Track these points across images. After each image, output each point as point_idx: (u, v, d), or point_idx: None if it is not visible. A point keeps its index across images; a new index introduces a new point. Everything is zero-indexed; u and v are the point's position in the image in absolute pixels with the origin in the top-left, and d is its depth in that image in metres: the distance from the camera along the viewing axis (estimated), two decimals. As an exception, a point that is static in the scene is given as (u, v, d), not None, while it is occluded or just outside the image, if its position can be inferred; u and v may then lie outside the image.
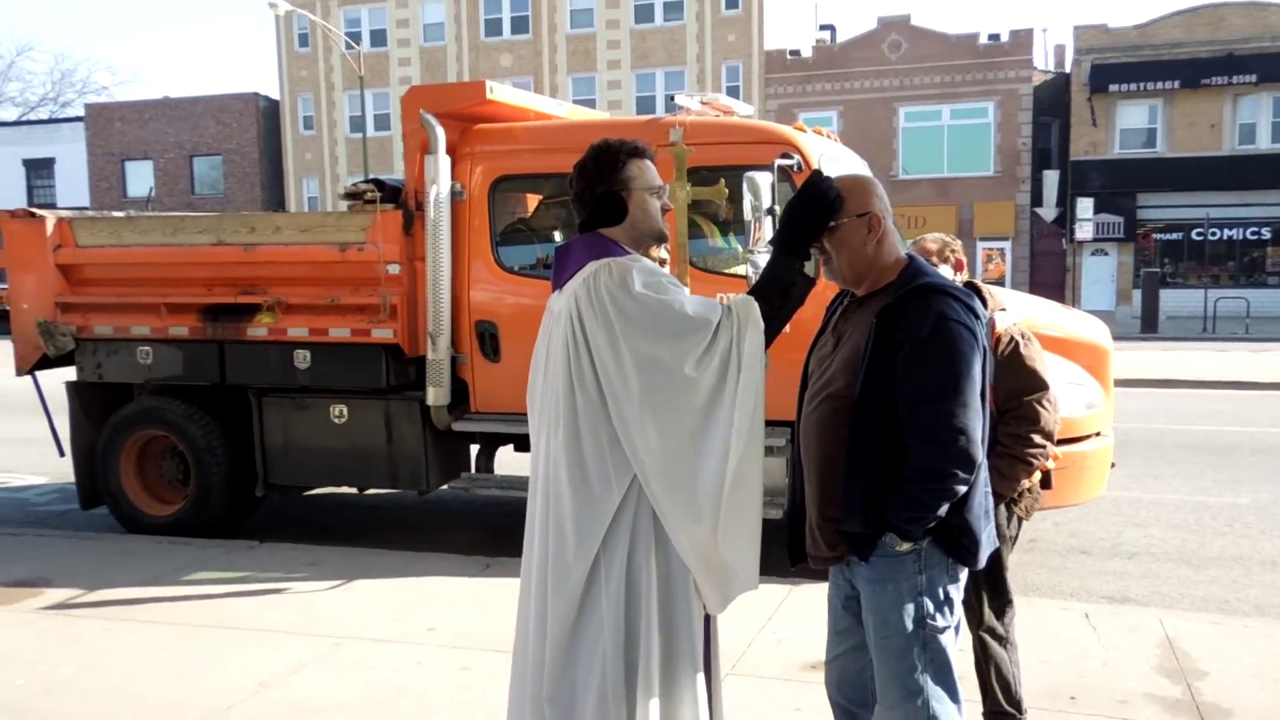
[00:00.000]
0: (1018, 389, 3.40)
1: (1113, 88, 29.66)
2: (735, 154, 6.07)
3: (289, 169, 38.67)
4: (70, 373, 7.25)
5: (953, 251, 3.60)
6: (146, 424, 7.08)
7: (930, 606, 2.57)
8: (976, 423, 2.48)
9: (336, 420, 6.69)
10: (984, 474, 2.61)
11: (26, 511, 8.02)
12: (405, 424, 6.56)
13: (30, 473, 9.25)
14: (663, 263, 3.55)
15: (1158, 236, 30.50)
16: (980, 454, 2.50)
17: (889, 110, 32.15)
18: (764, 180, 5.58)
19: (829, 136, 7.04)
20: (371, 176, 6.90)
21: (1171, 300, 28.31)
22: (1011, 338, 3.46)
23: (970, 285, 3.61)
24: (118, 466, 7.10)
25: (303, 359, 6.67)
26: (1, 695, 4.11)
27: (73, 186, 40.82)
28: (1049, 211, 30.95)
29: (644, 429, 2.51)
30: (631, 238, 2.68)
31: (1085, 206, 28.27)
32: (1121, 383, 14.78)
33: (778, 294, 2.65)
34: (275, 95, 39.13)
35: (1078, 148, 30.42)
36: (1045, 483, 3.65)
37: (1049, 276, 31.21)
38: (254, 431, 6.82)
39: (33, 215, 7.18)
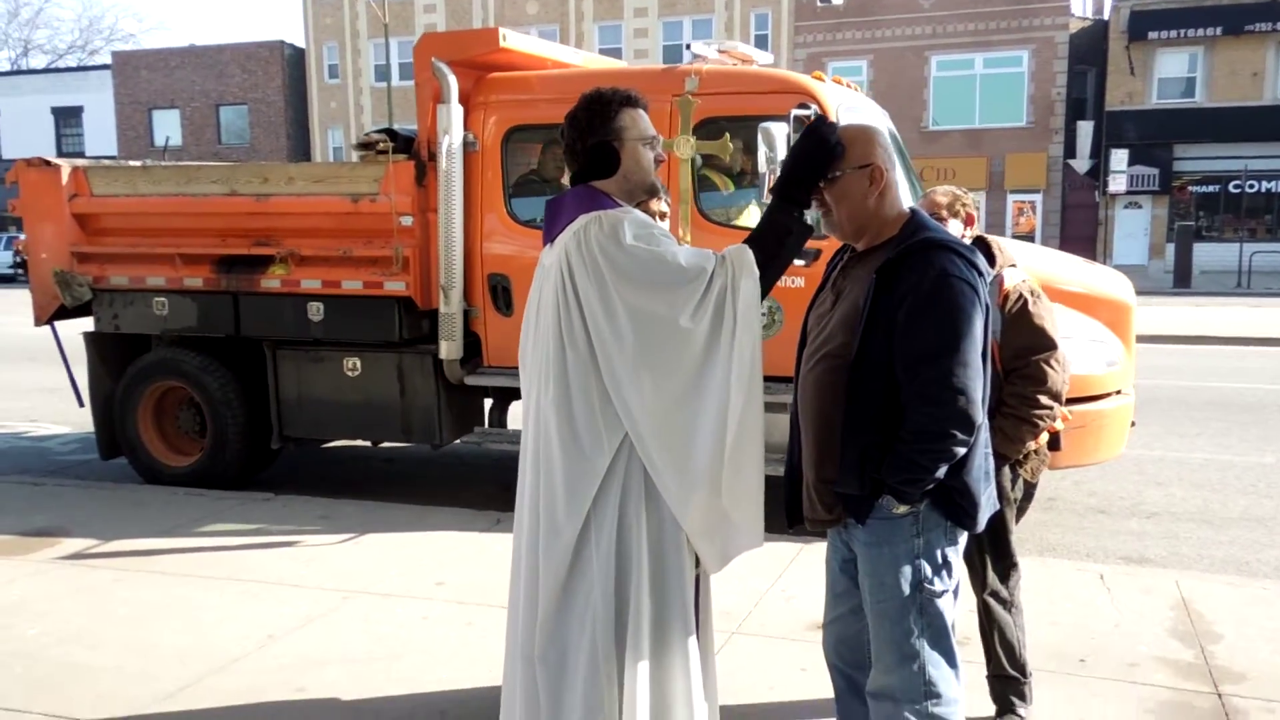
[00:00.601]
0: (1025, 347, 3.31)
1: (1152, 35, 28.93)
2: (751, 104, 5.93)
3: (314, 118, 38.57)
4: (89, 323, 7.27)
5: (964, 205, 3.49)
6: (163, 375, 7.10)
7: (928, 570, 2.51)
8: (977, 383, 2.41)
9: (350, 373, 6.69)
10: (984, 435, 2.54)
11: (49, 461, 8.10)
12: (418, 377, 6.54)
13: (54, 422, 9.35)
14: (662, 216, 3.48)
15: (1194, 189, 29.91)
16: (980, 415, 2.42)
17: (920, 59, 31.54)
18: (779, 131, 5.45)
19: (850, 86, 6.87)
20: (384, 126, 6.81)
21: (1206, 254, 27.81)
22: (1020, 294, 3.36)
23: (980, 240, 3.51)
24: (135, 417, 7.14)
25: (316, 311, 6.65)
26: (15, 644, 4.16)
27: (101, 135, 40.96)
28: (1082, 164, 30.37)
29: (638, 384, 2.45)
30: (624, 190, 2.60)
31: (1119, 158, 27.69)
32: (1150, 339, 14.65)
33: (773, 242, 2.56)
34: (301, 43, 38.94)
35: (1114, 98, 29.76)
36: (1054, 444, 3.57)
37: (1080, 230, 30.72)
38: (269, 384, 6.84)
39: (48, 164, 7.16)
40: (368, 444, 7.39)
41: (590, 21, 34.86)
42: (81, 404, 7.49)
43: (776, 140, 5.35)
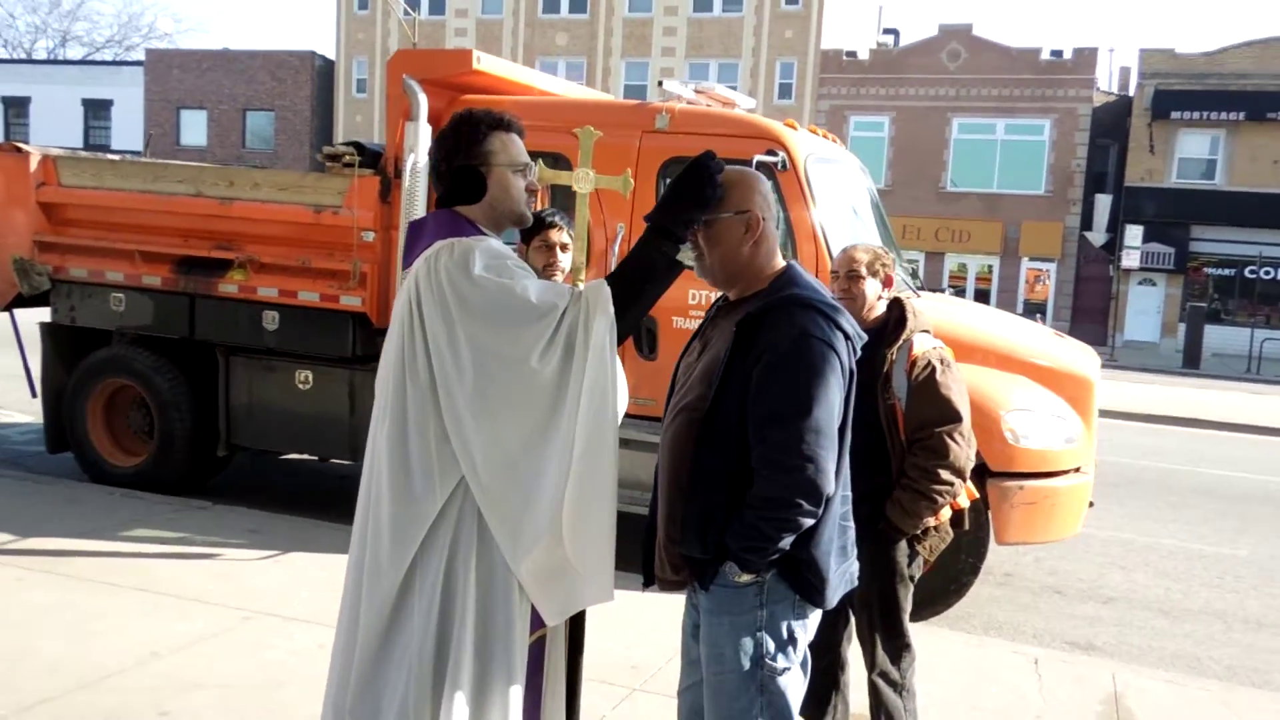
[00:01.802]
0: (929, 418, 3.15)
1: (1175, 114, 28.87)
2: (719, 146, 5.63)
3: (339, 129, 38.77)
4: (47, 314, 7.17)
5: (883, 265, 3.34)
6: (115, 372, 6.99)
7: (770, 645, 2.34)
8: (829, 451, 2.25)
9: (301, 386, 6.57)
10: (840, 508, 2.39)
11: (2, 449, 7.98)
12: (369, 396, 6.38)
13: (19, 410, 9.22)
14: (564, 247, 3.34)
15: (1209, 271, 29.71)
16: (830, 485, 2.26)
17: (942, 120, 31.54)
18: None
19: (827, 137, 6.76)
20: (353, 139, 6.73)
21: (1217, 337, 27.57)
22: (928, 362, 3.21)
23: (895, 301, 3.38)
24: (85, 413, 7.03)
25: (271, 320, 6.55)
26: (-112, 639, 3.99)
27: (128, 130, 41.28)
28: (1098, 236, 30.23)
29: (479, 425, 2.28)
30: (489, 218, 2.45)
31: (1135, 234, 27.56)
32: (1147, 418, 14.47)
33: (637, 277, 2.38)
34: (331, 55, 39.28)
35: (1133, 173, 29.66)
36: (957, 521, 3.39)
37: (1093, 302, 30.54)
38: (219, 389, 6.71)
39: (19, 150, 7.10)
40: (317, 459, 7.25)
41: (618, 58, 35.05)
42: (35, 394, 7.36)
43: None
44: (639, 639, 4.50)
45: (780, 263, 2.46)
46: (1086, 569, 6.77)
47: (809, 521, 2.26)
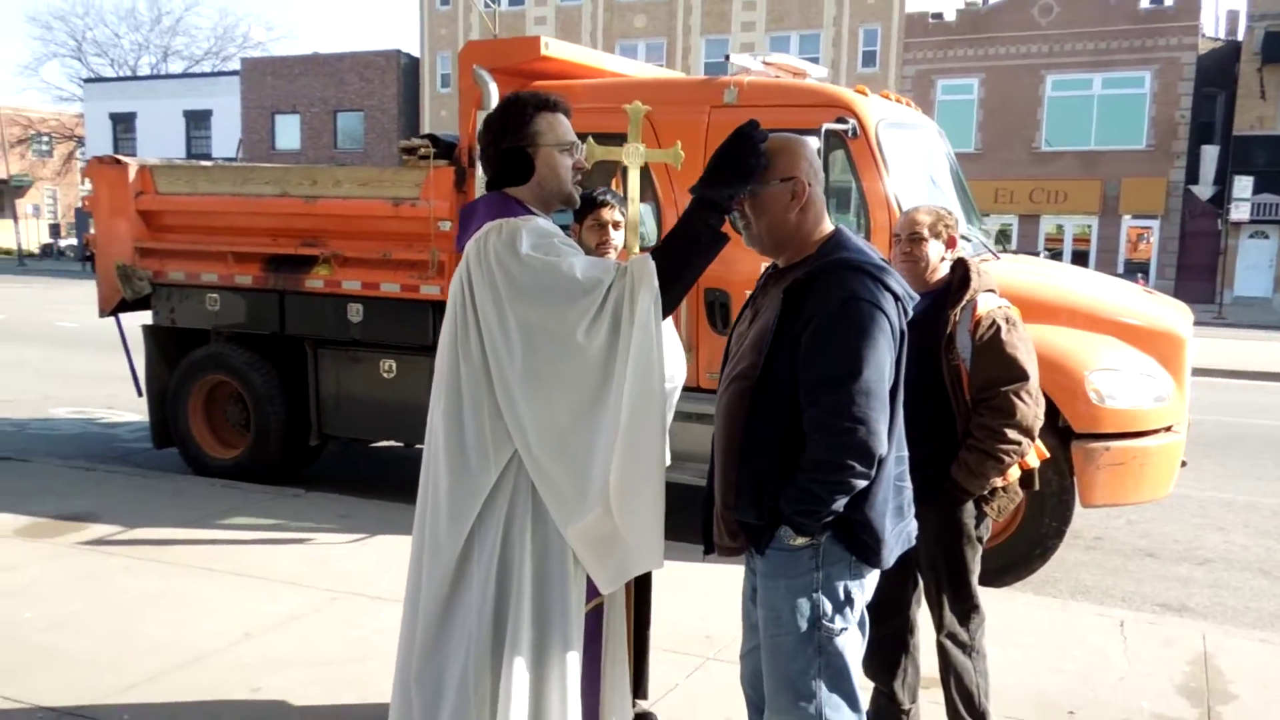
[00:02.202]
0: (994, 378, 3.12)
1: (1287, 57, 27.45)
2: (789, 117, 5.78)
3: (425, 125, 39.46)
4: (149, 317, 7.54)
5: (946, 226, 3.30)
6: (213, 369, 7.31)
7: (827, 606, 2.37)
8: (880, 413, 2.27)
9: (386, 375, 6.77)
10: (895, 469, 2.40)
11: (113, 447, 8.43)
12: (451, 382, 6.57)
13: (128, 409, 9.71)
14: (616, 225, 3.39)
15: (1326, 220, 28.23)
16: (881, 447, 2.27)
17: (1035, 78, 30.56)
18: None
19: (902, 102, 6.66)
20: (428, 133, 6.89)
21: (1335, 289, 26.24)
22: (993, 321, 3.16)
23: (960, 262, 3.34)
24: (186, 409, 7.38)
25: (356, 312, 6.76)
26: (8, 628, 4.28)
27: (226, 137, 42.76)
28: (1205, 190, 28.97)
29: (532, 401, 2.36)
30: (538, 197, 2.51)
31: (1244, 185, 26.31)
32: (1252, 375, 13.88)
33: (682, 249, 2.42)
34: (416, 53, 39.97)
35: (1242, 122, 28.32)
36: (1026, 482, 3.34)
37: (1200, 259, 29.32)
38: (309, 382, 6.98)
39: (118, 162, 7.46)
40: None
41: (697, 35, 34.86)
42: (140, 393, 7.75)
43: (805, 155, 5.21)
44: (713, 610, 4.55)
45: (828, 227, 2.46)
46: (1182, 530, 6.58)
47: (862, 483, 2.28)
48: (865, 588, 2.44)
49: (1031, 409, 3.13)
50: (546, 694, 2.40)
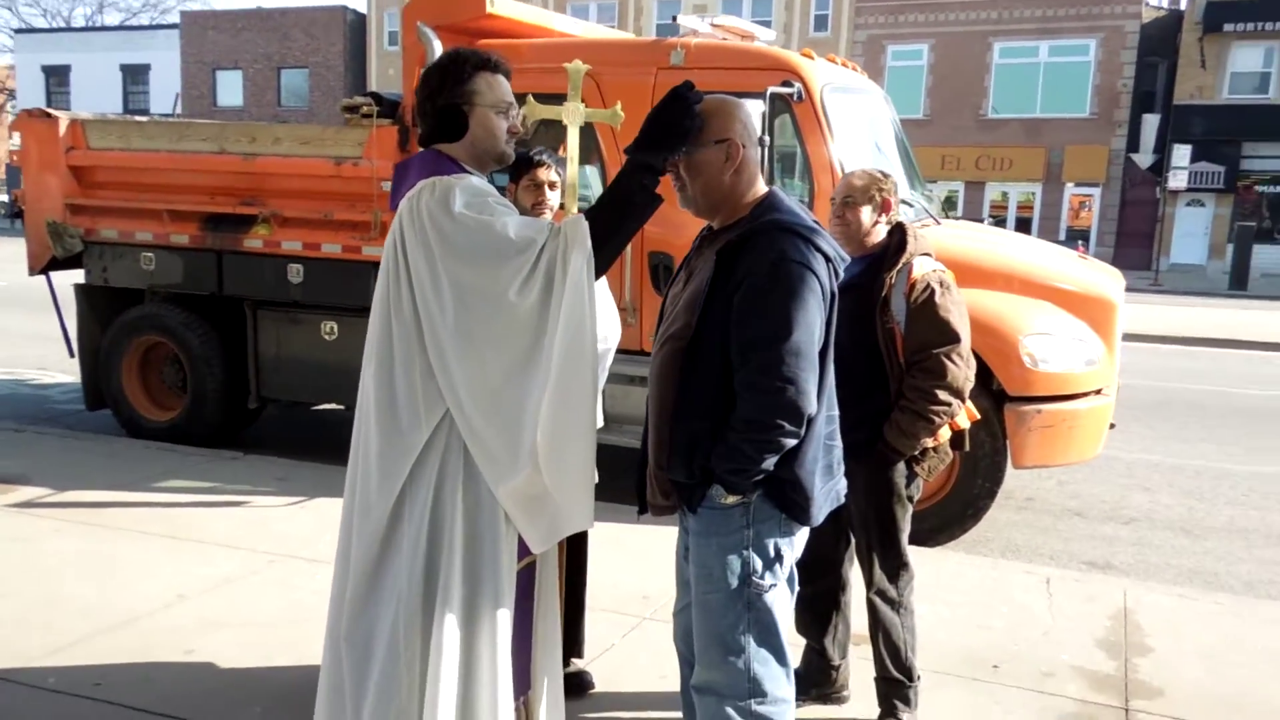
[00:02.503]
0: (927, 340, 3.17)
1: (1228, 27, 27.92)
2: (735, 80, 5.79)
3: (373, 84, 38.77)
4: (81, 275, 7.37)
5: (881, 191, 3.33)
6: (148, 330, 7.18)
7: (757, 563, 2.41)
8: (809, 373, 2.31)
9: (327, 337, 6.71)
10: (825, 428, 2.45)
11: (44, 409, 8.26)
12: (393, 345, 6.52)
13: (59, 370, 9.51)
14: (552, 185, 3.38)
15: (1260, 189, 28.88)
16: (811, 406, 2.32)
17: (983, 45, 30.79)
18: (754, 109, 5.30)
19: (849, 67, 6.67)
20: (370, 90, 6.78)
21: (1267, 257, 26.93)
22: (927, 284, 3.21)
23: (898, 227, 3.37)
24: (120, 370, 7.24)
25: (296, 273, 6.67)
26: (-66, 589, 4.21)
27: (166, 93, 41.67)
28: (1145, 158, 29.44)
29: (462, 360, 2.36)
30: (472, 156, 2.50)
31: (1182, 154, 26.76)
32: (1184, 341, 14.23)
33: (615, 210, 2.42)
34: (363, 9, 39.18)
35: (1183, 91, 28.79)
36: (957, 443, 3.42)
37: (1138, 226, 29.88)
38: (248, 343, 6.88)
39: (48, 115, 7.25)
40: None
41: (649, -4, 34.56)
42: (72, 354, 7.59)
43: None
44: (650, 570, 4.60)
45: (762, 189, 2.48)
46: (1110, 491, 6.76)
47: (791, 442, 2.32)
48: (795, 545, 2.49)
49: (962, 371, 3.19)
50: (477, 652, 2.41)
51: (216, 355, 6.97)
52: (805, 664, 3.56)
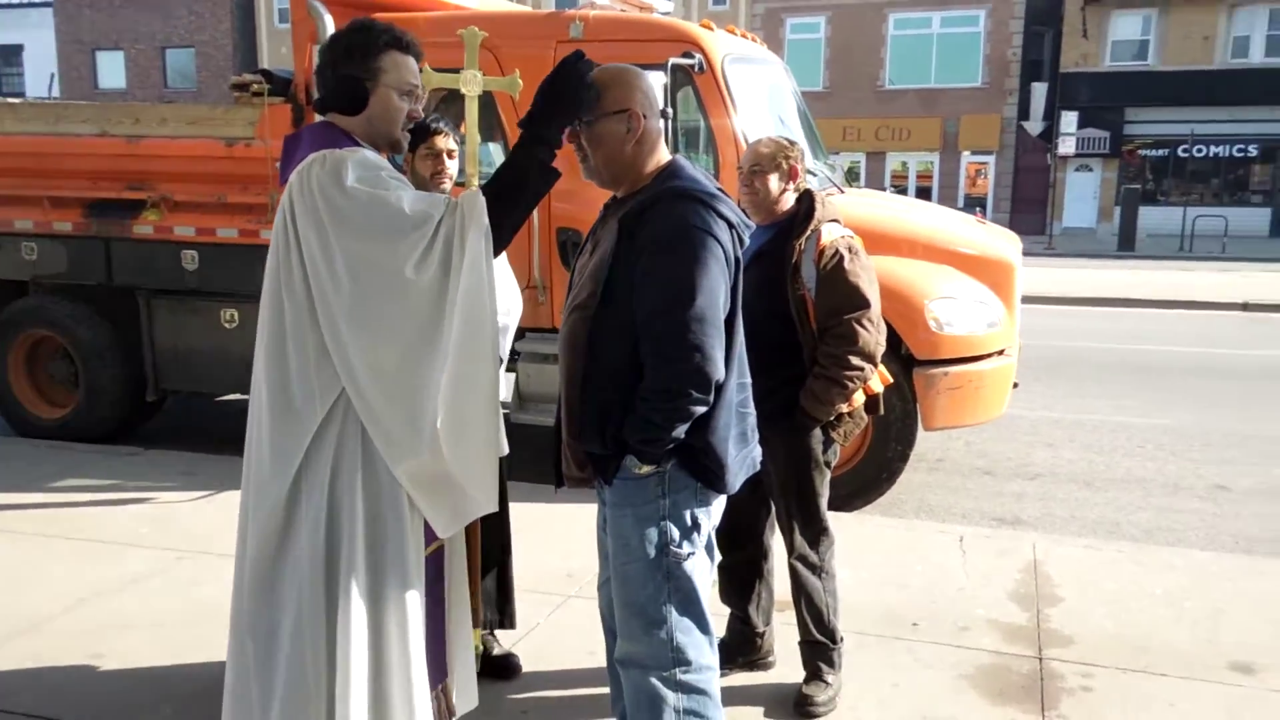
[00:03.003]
0: (836, 306, 3.20)
1: (1106, -3, 28.80)
2: (635, 51, 5.72)
3: (264, 63, 37.61)
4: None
5: (788, 158, 3.34)
6: (33, 324, 6.86)
7: (674, 532, 2.40)
8: (715, 339, 2.29)
9: (227, 325, 6.48)
10: (737, 395, 2.43)
11: (-75, 410, 7.82)
12: (298, 330, 6.34)
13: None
14: (450, 154, 3.31)
15: (1143, 153, 29.97)
16: (718, 372, 2.30)
17: (879, 17, 31.22)
18: (656, 80, 5.26)
19: (748, 38, 6.68)
20: (260, 68, 6.56)
21: (1152, 218, 27.92)
22: (836, 250, 3.23)
23: (806, 194, 3.39)
24: (5, 366, 6.91)
25: (191, 260, 6.43)
26: None
27: (42, 75, 39.75)
28: (1035, 125, 30.28)
29: (357, 338, 2.26)
30: (366, 133, 2.39)
31: (1070, 120, 27.55)
32: (1078, 301, 14.74)
33: (512, 185, 2.38)
34: (249, -14, 37.93)
35: (1068, 59, 29.64)
36: (871, 407, 3.46)
37: (1032, 192, 30.75)
38: (142, 334, 6.62)
39: (-88, 101, 6.84)
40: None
41: (546, -30, 34.16)
42: (-47, 352, 7.20)
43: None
44: (574, 548, 4.57)
45: (664, 158, 2.46)
46: (1015, 449, 6.97)
47: (700, 410, 2.30)
48: (712, 513, 2.49)
49: (874, 336, 3.22)
50: (386, 640, 2.33)
51: (109, 348, 6.68)
52: (730, 633, 3.58)
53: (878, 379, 3.43)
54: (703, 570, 2.48)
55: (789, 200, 3.36)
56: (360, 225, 2.25)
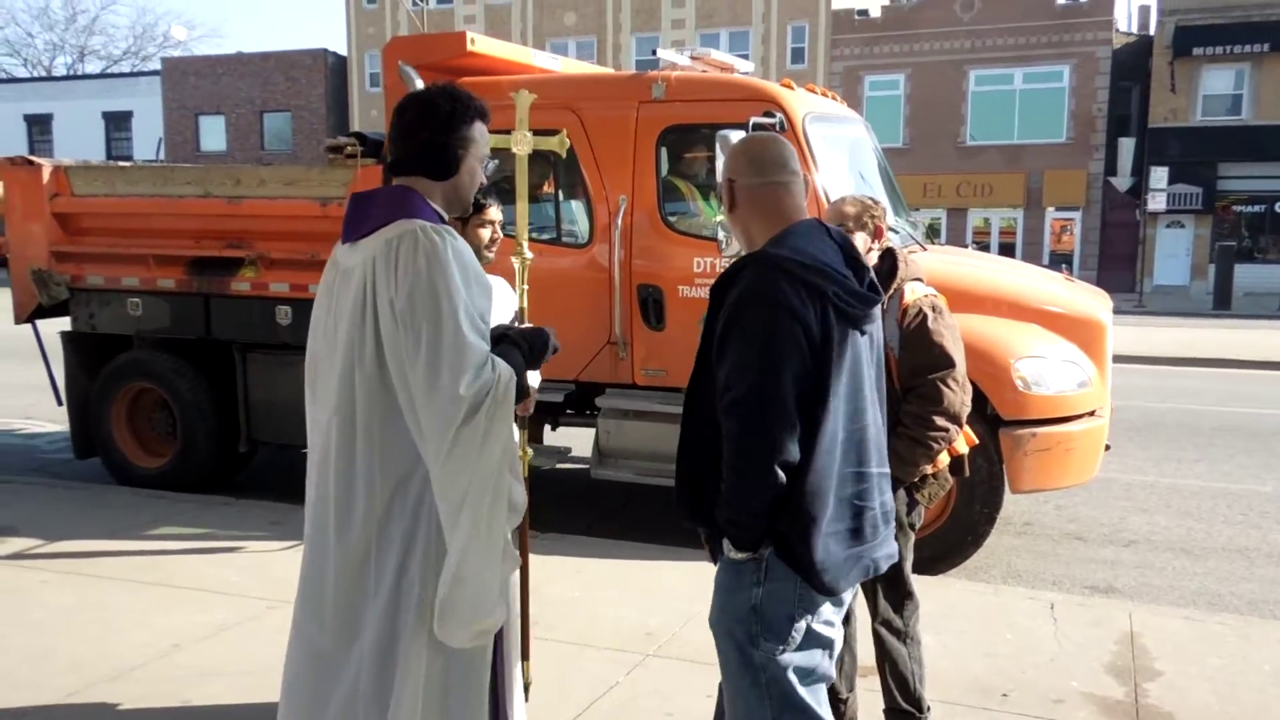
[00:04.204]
0: (921, 365, 3.17)
1: (1197, 51, 28.26)
2: (717, 111, 5.85)
3: (355, 125, 38.89)
4: (67, 323, 7.31)
5: (873, 218, 3.33)
6: (136, 376, 7.12)
7: (764, 626, 2.22)
8: (774, 418, 2.12)
9: (317, 378, 6.64)
10: (851, 487, 2.26)
11: (32, 458, 8.16)
12: (383, 384, 6.46)
13: (47, 420, 9.41)
14: (498, 224, 3.37)
15: (1238, 209, 29.15)
16: (780, 455, 2.12)
17: (959, 73, 31.10)
18: (736, 139, 5.32)
19: (829, 96, 6.72)
20: (353, 130, 6.79)
21: (1249, 276, 27.08)
22: (919, 309, 3.21)
23: (888, 252, 3.37)
24: (109, 417, 7.17)
25: (284, 315, 6.64)
26: (-77, 644, 4.12)
27: (148, 139, 41.68)
28: (1123, 181, 29.73)
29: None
30: (447, 198, 2.40)
31: (1160, 176, 26.98)
32: (1172, 361, 14.30)
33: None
34: (344, 52, 39.40)
35: (1157, 114, 29.11)
36: (956, 468, 3.39)
37: (1120, 249, 30.08)
38: (237, 387, 6.83)
39: (30, 163, 7.22)
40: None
41: (628, 34, 34.87)
42: (60, 403, 7.51)
43: (733, 148, 5.24)
44: (653, 606, 4.55)
45: (789, 221, 2.33)
46: (1108, 514, 6.74)
47: (767, 493, 2.14)
48: (820, 614, 2.27)
49: (959, 396, 3.18)
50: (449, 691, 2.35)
51: (206, 400, 6.91)
52: (813, 698, 3.50)
53: (963, 440, 3.38)
54: (807, 671, 2.26)
55: (873, 259, 3.35)
56: (434, 320, 2.20)
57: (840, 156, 6.26)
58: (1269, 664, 4.10)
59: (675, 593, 4.73)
